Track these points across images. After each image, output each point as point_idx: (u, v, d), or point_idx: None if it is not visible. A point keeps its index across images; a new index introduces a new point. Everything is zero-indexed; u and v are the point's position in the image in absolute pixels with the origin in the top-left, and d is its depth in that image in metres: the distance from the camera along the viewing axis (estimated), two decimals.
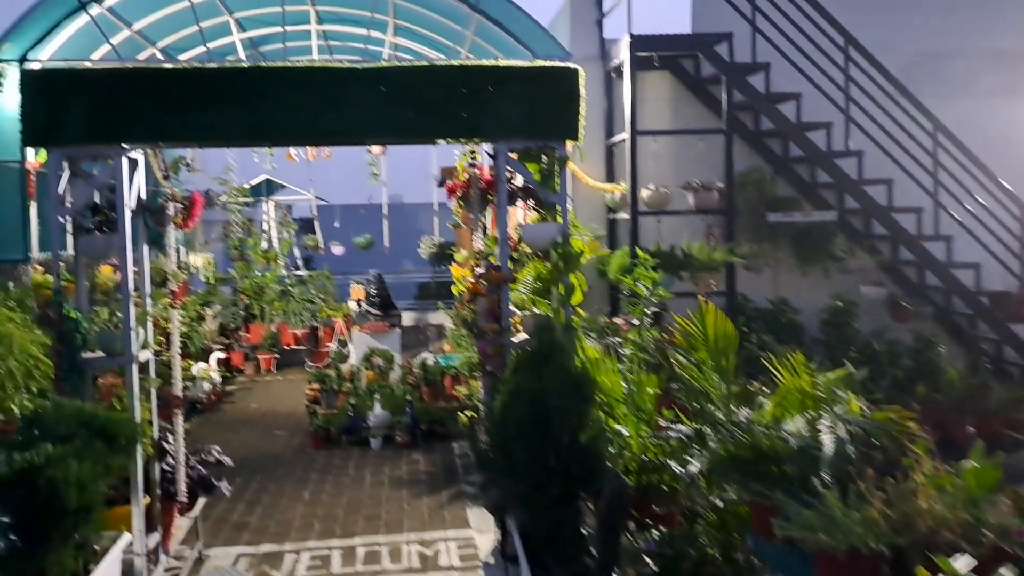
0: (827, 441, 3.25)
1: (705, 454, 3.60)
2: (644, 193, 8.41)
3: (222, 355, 11.48)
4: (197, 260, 11.64)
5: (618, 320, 8.00)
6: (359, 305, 9.97)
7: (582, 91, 4.80)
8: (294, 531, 6.27)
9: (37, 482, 3.44)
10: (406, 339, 10.78)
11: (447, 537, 6.13)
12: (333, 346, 12.74)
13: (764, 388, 4.02)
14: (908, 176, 8.57)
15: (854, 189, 8.62)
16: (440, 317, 18.00)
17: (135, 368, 4.39)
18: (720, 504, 3.82)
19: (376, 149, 11.13)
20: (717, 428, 3.63)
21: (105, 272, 6.82)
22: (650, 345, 4.74)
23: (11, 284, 5.87)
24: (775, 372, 3.74)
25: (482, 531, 6.19)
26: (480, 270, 4.90)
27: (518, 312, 5.01)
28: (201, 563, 5.61)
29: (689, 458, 3.88)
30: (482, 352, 4.74)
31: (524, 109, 4.68)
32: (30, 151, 5.00)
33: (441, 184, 17.26)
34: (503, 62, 4.83)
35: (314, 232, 15.45)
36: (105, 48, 8.88)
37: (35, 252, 7.49)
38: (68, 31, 8.18)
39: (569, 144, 4.77)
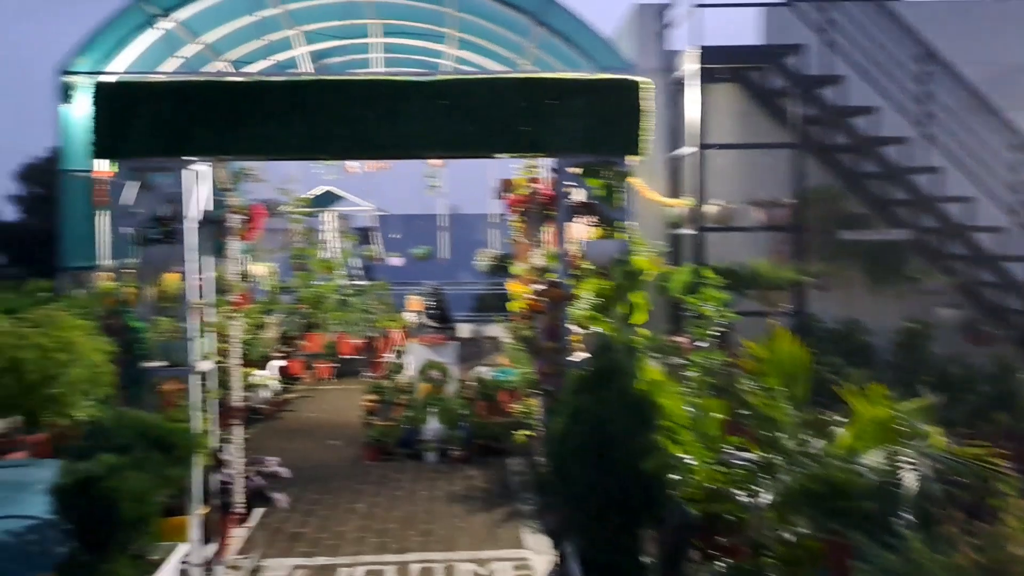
0: (909, 478, 3.03)
1: (775, 485, 3.41)
2: (710, 208, 8.20)
3: (282, 363, 11.61)
4: (260, 269, 11.81)
5: (680, 339, 7.80)
6: (416, 317, 9.95)
7: (647, 104, 4.66)
8: (348, 544, 6.23)
9: (96, 492, 3.44)
10: (462, 351, 10.72)
11: (502, 557, 6.01)
12: (390, 357, 12.78)
13: (837, 417, 3.80)
14: (989, 194, 8.17)
15: (931, 207, 8.25)
16: (496, 330, 18.00)
17: (195, 378, 4.41)
18: (790, 538, 3.61)
19: (435, 161, 11.15)
20: (788, 458, 3.43)
21: (171, 280, 6.94)
22: (716, 368, 4.55)
23: (75, 292, 5.99)
24: (848, 399, 3.53)
25: (538, 552, 6.05)
26: (539, 287, 4.79)
27: (578, 330, 4.88)
28: (257, 574, 5.61)
29: (757, 488, 3.69)
30: (540, 371, 4.62)
31: (586, 123, 4.57)
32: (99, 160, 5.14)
33: (500, 196, 17.34)
34: (565, 74, 4.73)
35: (373, 243, 15.57)
36: (176, 61, 9.10)
37: (106, 260, 7.66)
38: (140, 44, 8.40)
39: (632, 159, 4.64)
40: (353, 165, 10.80)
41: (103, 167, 7.32)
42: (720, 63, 8.44)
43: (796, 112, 8.24)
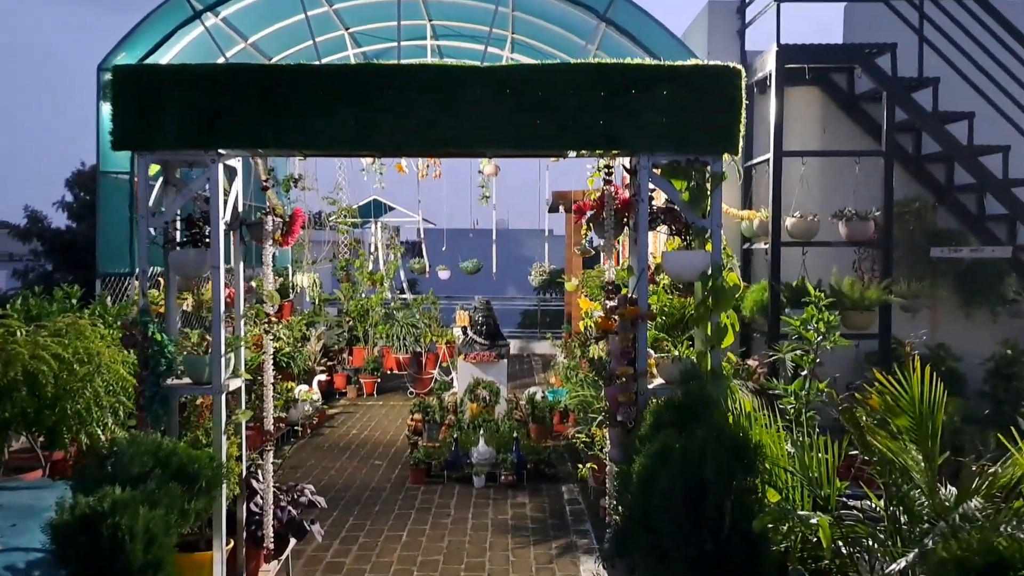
0: None
1: (912, 550, 2.77)
2: (788, 221, 7.53)
3: (324, 377, 11.18)
4: (303, 280, 11.44)
5: (751, 362, 7.13)
6: (464, 333, 9.43)
7: (742, 95, 4.06)
8: None
9: (100, 532, 2.94)
10: (508, 369, 10.18)
11: None
12: (436, 373, 12.31)
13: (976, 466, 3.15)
14: None
15: None
16: (545, 347, 17.42)
17: (223, 399, 3.92)
18: None
19: (488, 169, 10.66)
20: (922, 517, 2.78)
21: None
22: (819, 400, 3.91)
23: (109, 299, 5.57)
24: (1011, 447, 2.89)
25: None
26: (611, 303, 4.20)
27: (653, 354, 4.28)
28: None
29: (880, 548, 3.05)
30: (611, 399, 4.03)
31: (672, 116, 3.99)
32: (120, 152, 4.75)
33: (553, 209, 16.74)
34: (648, 61, 4.15)
35: (420, 255, 15.14)
36: (219, 61, 8.77)
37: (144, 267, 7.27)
38: (183, 42, 8.06)
39: (725, 158, 4.04)
40: (405, 167, 10.33)
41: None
42: (802, 63, 7.78)
43: (886, 117, 7.54)
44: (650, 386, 4.08)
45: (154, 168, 4.45)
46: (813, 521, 2.85)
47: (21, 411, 4.24)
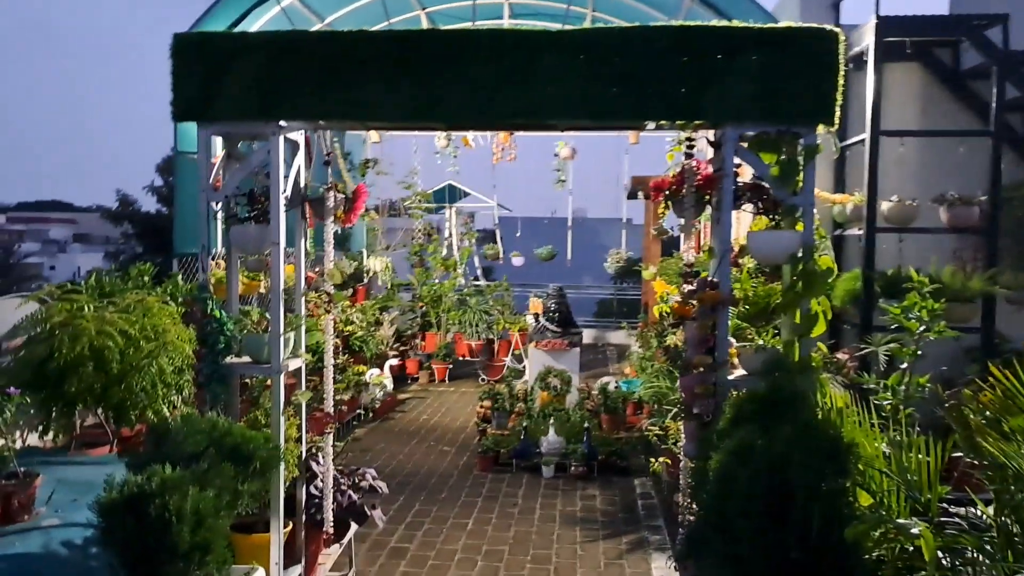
0: None
1: None
2: (884, 206, 7.02)
3: (396, 362, 11.15)
4: (376, 264, 11.42)
5: (841, 355, 6.68)
6: (536, 320, 9.22)
7: (840, 61, 3.70)
8: (454, 567, 5.55)
9: (147, 512, 2.84)
10: (583, 358, 9.91)
11: None
12: (508, 360, 12.15)
13: None
14: None
15: None
16: (620, 337, 17.06)
17: (281, 379, 3.80)
18: None
19: (565, 152, 10.38)
20: None
21: (287, 272, 6.49)
22: (919, 396, 3.53)
23: (181, 278, 5.56)
24: None
25: None
26: (689, 287, 3.90)
27: (735, 343, 3.96)
28: None
29: (985, 559, 2.70)
30: (687, 390, 3.74)
31: (761, 84, 3.65)
32: (218, 143, 4.68)
33: (632, 196, 16.32)
34: (734, 23, 3.82)
35: (495, 242, 14.98)
36: None
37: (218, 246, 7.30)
38: (259, 23, 8.05)
39: (821, 130, 3.69)
40: (471, 139, 10.11)
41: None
42: (904, 36, 7.23)
43: (996, 95, 6.94)
44: (730, 377, 3.77)
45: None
46: (915, 531, 2.52)
47: (88, 387, 4.24)
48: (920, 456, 3.16)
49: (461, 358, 12.95)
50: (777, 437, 2.86)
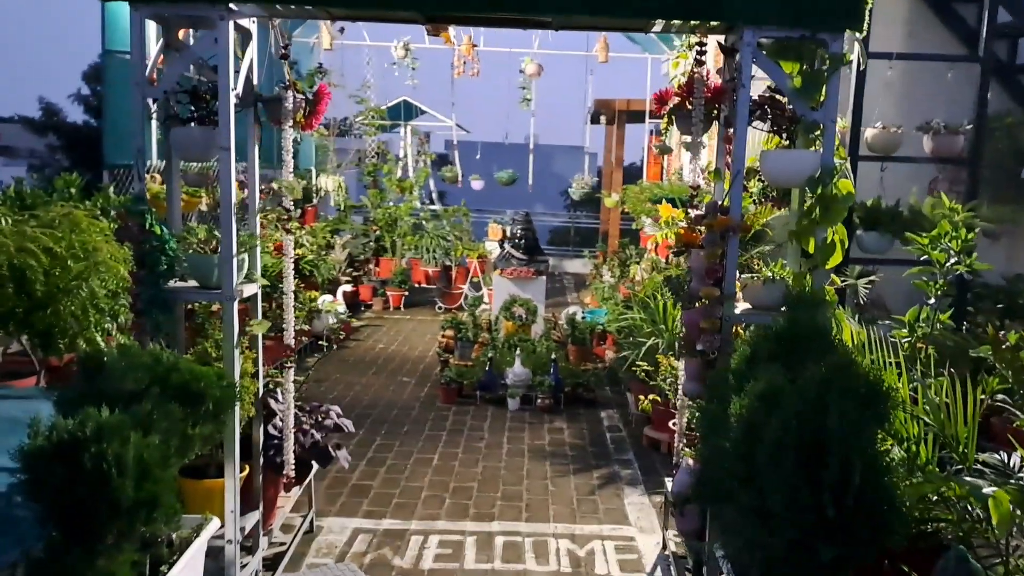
0: None
1: None
2: (868, 132, 6.72)
3: (350, 288, 10.66)
4: (328, 183, 10.78)
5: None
6: (501, 247, 8.81)
7: None
8: (420, 505, 5.26)
9: (81, 462, 2.40)
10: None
11: (602, 534, 4.96)
12: (466, 288, 11.79)
13: None
14: None
15: None
16: (577, 266, 16.80)
17: (235, 306, 3.34)
18: None
19: (531, 68, 9.80)
20: None
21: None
22: (946, 336, 3.27)
23: (112, 190, 4.96)
24: None
25: (643, 530, 5.01)
26: (696, 212, 3.53)
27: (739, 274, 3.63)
28: (311, 535, 4.68)
29: None
30: (691, 325, 3.41)
31: None
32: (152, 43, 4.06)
33: (595, 120, 15.82)
34: None
35: (452, 163, 14.40)
36: None
37: (154, 158, 6.60)
38: None
39: (847, 35, 3.29)
40: (451, 37, 9.43)
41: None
42: None
43: (985, 20, 6.62)
44: (736, 311, 3.45)
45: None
46: (987, 490, 2.24)
47: (9, 311, 3.70)
48: (947, 401, 2.89)
49: (417, 285, 12.54)
50: (808, 381, 2.54)
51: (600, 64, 10.45)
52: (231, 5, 3.23)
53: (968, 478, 2.42)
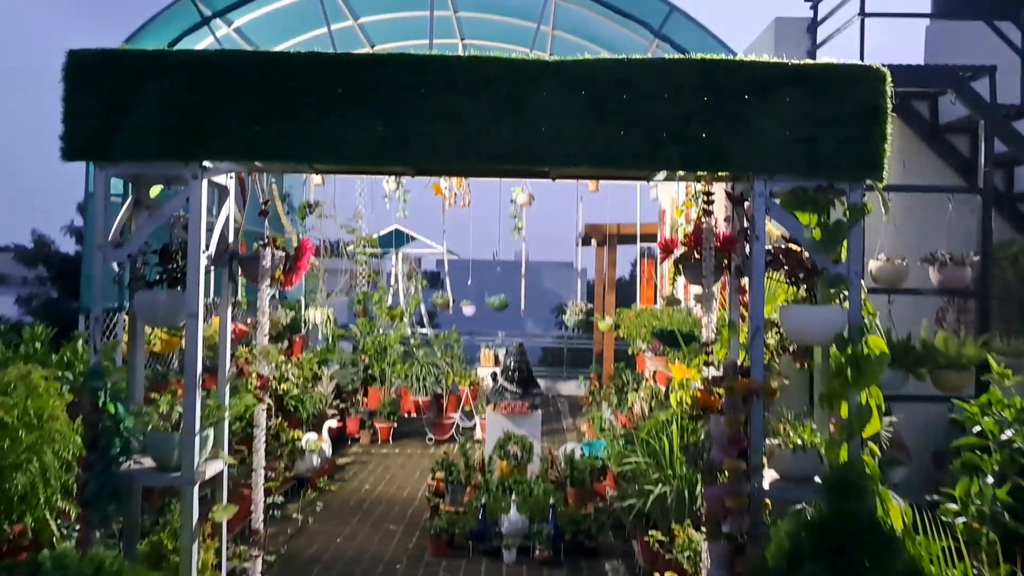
0: None
1: None
2: (872, 265, 6.52)
3: (335, 424, 10.18)
4: (316, 315, 10.49)
5: None
6: (494, 379, 8.44)
7: (888, 104, 3.11)
8: None
9: None
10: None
11: None
12: (457, 417, 11.32)
13: None
14: None
15: None
16: (571, 388, 16.37)
17: (195, 491, 2.94)
18: None
19: (522, 199, 9.73)
20: None
21: (213, 324, 5.55)
22: (996, 511, 2.86)
23: (80, 344, 4.63)
24: None
25: None
26: (714, 373, 3.21)
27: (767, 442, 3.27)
28: None
29: None
30: (715, 503, 3.02)
31: (797, 129, 3.05)
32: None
33: (586, 243, 15.79)
34: (768, 58, 3.20)
35: (443, 288, 14.20)
36: None
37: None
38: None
39: (870, 184, 3.08)
40: (443, 186, 9.35)
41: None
42: None
43: (981, 150, 6.59)
44: (767, 487, 3.07)
45: (155, 189, 3.54)
46: None
47: None
48: None
49: (407, 415, 12.06)
50: None
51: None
52: (205, 163, 2.99)
53: None
